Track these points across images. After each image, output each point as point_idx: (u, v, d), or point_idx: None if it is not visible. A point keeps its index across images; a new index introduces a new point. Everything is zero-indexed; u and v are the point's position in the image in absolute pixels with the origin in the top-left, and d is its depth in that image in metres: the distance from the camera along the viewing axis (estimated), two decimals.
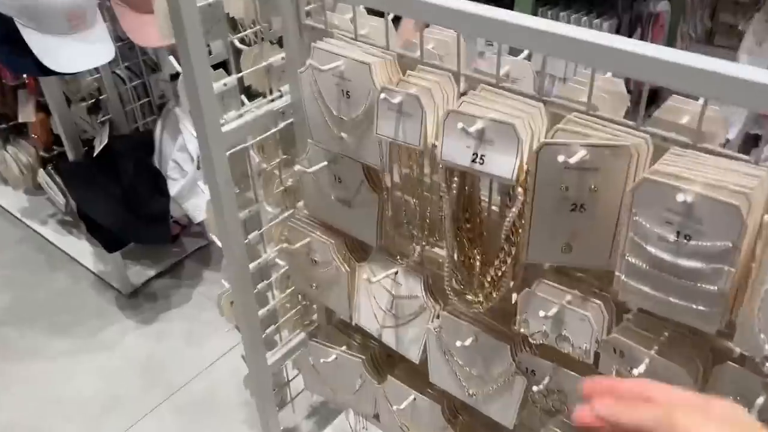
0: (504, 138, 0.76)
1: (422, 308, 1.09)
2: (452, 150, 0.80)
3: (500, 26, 0.75)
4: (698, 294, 0.68)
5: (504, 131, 0.75)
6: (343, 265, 1.17)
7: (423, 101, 0.82)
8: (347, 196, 1.10)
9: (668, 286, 0.70)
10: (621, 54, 0.67)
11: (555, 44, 0.72)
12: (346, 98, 0.94)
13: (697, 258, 0.66)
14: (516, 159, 0.75)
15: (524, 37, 0.74)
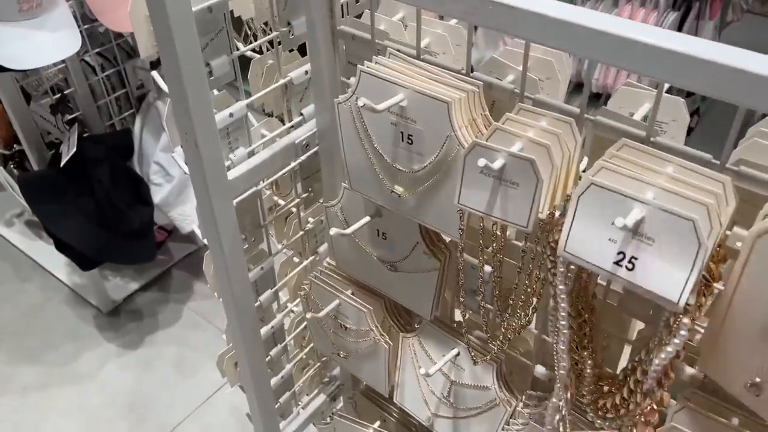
0: (673, 237, 0.49)
1: (493, 403, 0.84)
2: (585, 242, 0.54)
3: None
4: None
5: (677, 228, 0.49)
6: (383, 337, 0.91)
7: (540, 167, 0.55)
8: (394, 258, 0.83)
9: None
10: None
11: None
12: (407, 143, 0.67)
13: None
14: (691, 273, 0.49)
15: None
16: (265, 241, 0.92)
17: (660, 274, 0.51)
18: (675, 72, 0.48)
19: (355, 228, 0.79)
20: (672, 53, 0.47)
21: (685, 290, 0.50)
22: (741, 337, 0.52)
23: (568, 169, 0.59)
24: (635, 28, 0.49)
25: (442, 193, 0.67)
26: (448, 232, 0.70)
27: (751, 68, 0.44)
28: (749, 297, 0.50)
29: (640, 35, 0.48)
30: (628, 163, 0.55)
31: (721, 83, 0.46)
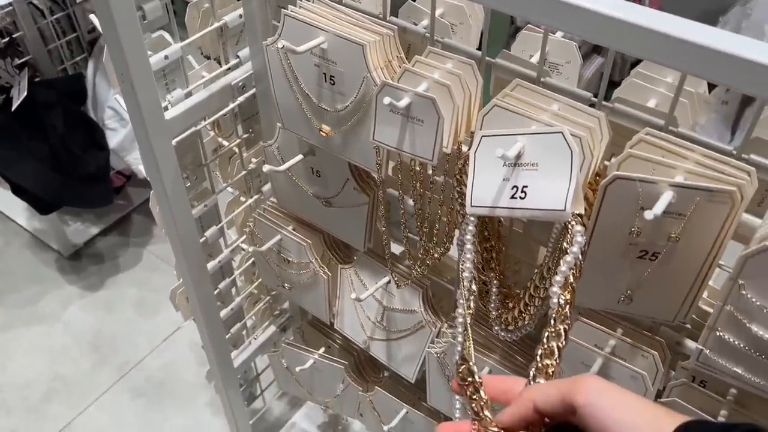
0: (551, 155, 0.55)
1: (420, 324, 0.92)
2: (486, 193, 0.59)
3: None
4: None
5: (551, 145, 0.55)
6: (322, 268, 0.98)
7: (440, 105, 0.61)
8: (328, 193, 0.89)
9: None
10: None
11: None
12: (330, 84, 0.72)
13: None
14: (571, 182, 0.55)
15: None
16: (208, 180, 0.97)
17: (547, 192, 0.57)
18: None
19: (289, 165, 0.85)
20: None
21: (568, 197, 0.56)
22: (605, 260, 0.59)
23: (471, 108, 0.65)
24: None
25: (363, 131, 0.73)
26: (369, 167, 0.76)
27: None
28: (606, 225, 0.57)
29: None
30: (519, 101, 0.61)
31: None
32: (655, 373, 0.68)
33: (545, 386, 0.46)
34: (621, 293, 0.61)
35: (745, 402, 0.66)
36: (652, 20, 0.48)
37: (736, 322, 0.52)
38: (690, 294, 0.58)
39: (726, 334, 0.54)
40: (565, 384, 0.43)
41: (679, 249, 0.55)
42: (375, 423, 1.13)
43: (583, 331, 0.71)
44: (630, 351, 0.69)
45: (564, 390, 0.42)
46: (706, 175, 0.53)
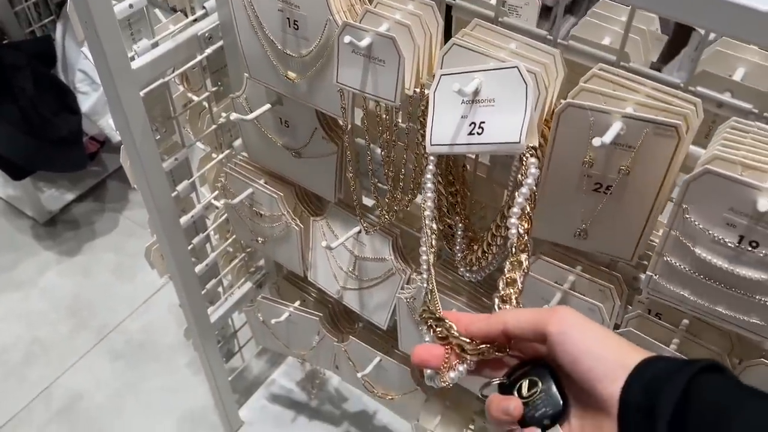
0: (507, 90, 0.56)
1: (390, 272, 0.94)
2: (444, 131, 0.60)
3: None
4: (755, 306, 0.54)
5: (507, 80, 0.56)
6: (294, 221, 0.99)
7: (400, 44, 0.62)
8: (297, 144, 0.90)
9: (714, 295, 0.56)
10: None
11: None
12: (294, 29, 0.72)
13: (763, 268, 0.52)
14: (525, 115, 0.57)
15: None
16: (178, 133, 0.97)
17: (503, 126, 0.58)
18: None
19: (257, 114, 0.86)
20: None
21: (523, 129, 0.57)
22: (561, 192, 0.61)
23: (432, 49, 0.66)
24: None
25: (328, 76, 0.73)
26: (335, 113, 0.77)
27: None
28: (561, 154, 0.59)
29: None
30: (477, 40, 0.62)
31: None
32: (612, 306, 0.71)
33: (519, 311, 0.48)
34: (577, 227, 0.64)
35: (696, 331, 0.69)
36: None
37: (681, 246, 0.55)
38: (645, 229, 0.61)
39: (672, 259, 0.56)
40: (540, 312, 0.45)
41: (630, 182, 0.58)
42: (350, 374, 1.16)
43: (544, 268, 0.73)
44: (588, 286, 0.72)
45: (537, 317, 0.44)
46: (655, 106, 0.54)
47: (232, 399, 1.44)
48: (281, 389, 1.55)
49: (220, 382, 1.37)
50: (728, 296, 0.55)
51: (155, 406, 1.56)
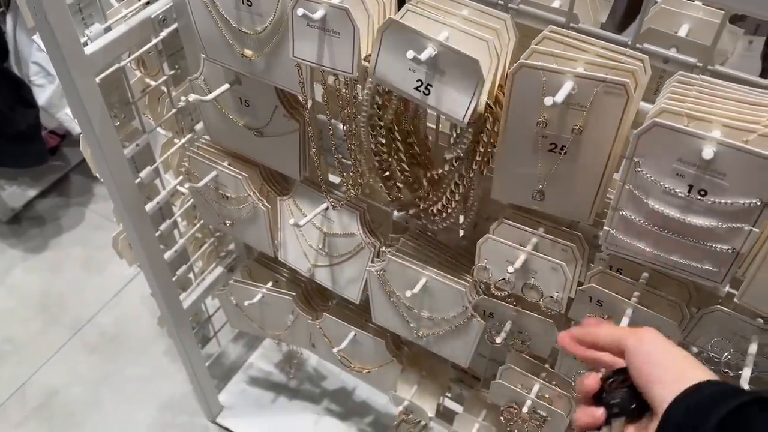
0: (460, 72, 0.58)
1: (360, 247, 0.95)
2: (390, 70, 0.62)
3: None
4: (707, 254, 0.57)
5: (463, 65, 0.58)
6: (260, 201, 1.00)
7: (354, 15, 0.62)
8: (258, 123, 0.90)
9: (669, 244, 0.58)
10: None
11: None
12: (248, 6, 0.72)
13: (712, 216, 0.54)
14: (472, 99, 0.59)
15: None
16: (138, 118, 0.96)
17: (450, 98, 0.60)
18: None
19: (216, 94, 0.85)
20: None
21: (467, 113, 0.59)
22: (518, 153, 0.63)
23: (386, 18, 0.67)
24: None
25: (284, 52, 0.73)
26: (294, 89, 0.77)
27: None
28: (516, 115, 0.60)
29: None
30: (430, 7, 0.63)
31: None
32: (575, 264, 0.73)
33: (611, 327, 0.56)
34: (534, 188, 0.65)
35: (656, 284, 0.71)
36: None
37: (635, 199, 0.57)
38: (600, 187, 0.63)
39: (627, 212, 0.58)
40: (624, 330, 0.53)
41: (583, 141, 0.59)
42: (327, 350, 1.17)
43: (507, 231, 0.75)
44: (551, 246, 0.73)
45: (621, 334, 0.51)
46: (605, 65, 0.56)
47: (210, 384, 1.44)
48: (259, 372, 1.56)
49: (198, 368, 1.37)
50: (682, 245, 0.57)
51: (134, 396, 1.56)
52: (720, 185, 0.51)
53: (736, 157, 0.49)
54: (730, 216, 0.53)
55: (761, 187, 0.50)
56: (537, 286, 0.75)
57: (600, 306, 0.73)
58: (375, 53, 0.61)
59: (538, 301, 0.75)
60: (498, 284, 0.77)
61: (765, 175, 0.49)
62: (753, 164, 0.49)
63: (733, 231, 0.54)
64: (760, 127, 0.50)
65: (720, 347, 0.71)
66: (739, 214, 0.53)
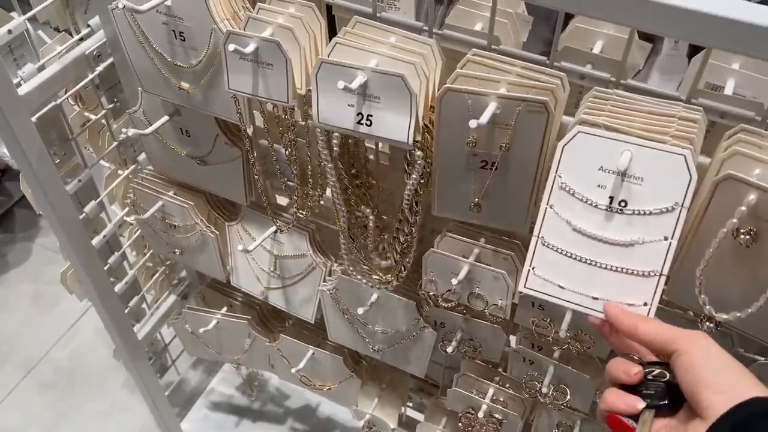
0: (393, 93, 0.60)
1: (311, 267, 0.96)
2: (331, 111, 0.64)
3: None
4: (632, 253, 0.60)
5: (392, 84, 0.60)
6: (208, 228, 1.00)
7: (285, 47, 0.64)
8: (201, 152, 0.91)
9: (597, 249, 0.61)
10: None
11: None
12: (181, 41, 0.73)
13: (632, 228, 0.56)
14: (410, 119, 0.61)
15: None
16: (78, 154, 0.96)
17: (391, 123, 0.62)
18: None
19: (154, 128, 0.86)
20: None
21: (410, 131, 0.62)
22: (453, 171, 0.65)
23: (317, 48, 0.69)
24: None
25: (221, 83, 0.74)
26: (233, 119, 0.78)
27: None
28: (447, 136, 0.63)
29: None
30: (359, 37, 0.65)
31: None
32: (515, 272, 0.76)
33: (658, 324, 0.52)
34: (470, 202, 0.68)
35: None
36: None
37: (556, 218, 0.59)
38: (532, 198, 0.66)
39: (550, 239, 0.61)
40: (675, 331, 0.50)
41: (511, 157, 0.62)
42: (286, 371, 1.17)
43: (450, 244, 0.77)
44: (493, 256, 0.76)
45: (672, 336, 0.49)
46: (526, 84, 0.59)
47: (172, 413, 1.43)
48: (221, 396, 1.55)
49: (157, 399, 1.36)
50: (610, 249, 0.60)
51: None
52: (637, 192, 0.55)
53: (650, 158, 0.52)
54: (650, 228, 0.56)
55: (675, 186, 0.53)
56: (482, 294, 0.77)
57: (542, 310, 0.76)
58: (314, 100, 0.63)
59: (483, 309, 0.78)
60: (445, 296, 0.80)
61: (676, 172, 0.52)
62: (665, 163, 0.52)
63: (653, 250, 0.57)
64: (668, 138, 0.54)
65: None
66: (658, 226, 0.56)
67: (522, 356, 0.85)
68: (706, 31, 0.49)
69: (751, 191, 0.50)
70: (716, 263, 0.55)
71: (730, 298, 0.57)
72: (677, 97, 0.59)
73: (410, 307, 0.88)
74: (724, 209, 0.52)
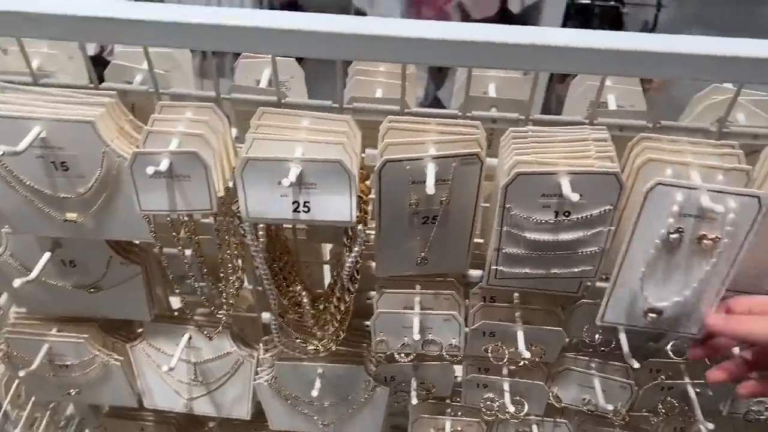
0: (331, 177, 0.60)
1: (238, 363, 0.91)
2: (262, 205, 0.62)
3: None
4: (580, 258, 0.66)
5: (329, 169, 0.60)
6: (110, 356, 0.90)
7: (203, 156, 0.61)
8: (92, 279, 0.82)
9: (549, 262, 0.66)
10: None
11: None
12: (63, 171, 0.66)
13: (578, 228, 0.63)
14: (351, 198, 0.61)
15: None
16: None
17: (331, 206, 0.62)
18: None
19: (39, 270, 0.76)
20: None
21: (352, 211, 0.62)
22: (397, 232, 0.67)
23: (227, 146, 0.66)
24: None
25: (120, 204, 0.68)
26: (139, 238, 0.72)
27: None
28: (389, 202, 0.64)
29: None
30: (272, 128, 0.64)
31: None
32: (459, 308, 0.79)
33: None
34: (417, 257, 0.70)
35: (528, 301, 0.80)
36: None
37: (514, 236, 0.64)
38: (471, 240, 0.69)
39: (509, 249, 0.65)
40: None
41: (451, 208, 0.65)
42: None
43: (391, 300, 0.78)
44: (434, 299, 0.78)
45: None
46: (451, 140, 0.62)
47: None
48: None
49: None
50: (559, 259, 0.66)
51: None
52: (580, 204, 0.61)
53: (586, 180, 0.59)
54: (591, 224, 0.62)
55: (609, 196, 0.60)
56: (435, 339, 0.79)
57: (493, 336, 0.80)
58: (241, 196, 0.61)
59: (440, 352, 0.80)
60: (401, 350, 0.80)
61: (609, 186, 0.59)
62: (599, 181, 0.59)
63: (595, 235, 0.63)
64: (592, 160, 0.60)
65: (591, 332, 0.82)
66: (597, 221, 0.62)
67: (476, 383, 0.88)
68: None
69: (678, 192, 0.57)
70: (652, 260, 0.63)
71: (667, 290, 0.65)
72: (582, 121, 0.66)
73: (358, 370, 0.87)
74: (653, 213, 0.60)
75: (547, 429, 0.95)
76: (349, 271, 0.71)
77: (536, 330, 0.78)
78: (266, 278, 0.72)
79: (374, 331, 0.80)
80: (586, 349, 0.85)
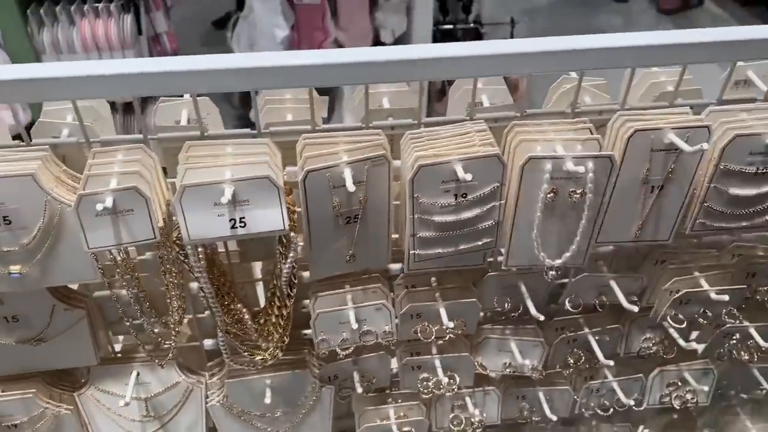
0: (261, 192, 0.69)
1: (189, 390, 0.96)
2: (202, 227, 0.69)
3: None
4: (480, 232, 0.78)
5: (259, 186, 0.69)
6: (60, 406, 0.92)
7: (142, 189, 0.67)
8: (36, 331, 0.84)
9: (456, 239, 0.78)
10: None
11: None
12: (6, 225, 0.70)
13: (475, 206, 0.75)
14: (281, 208, 0.70)
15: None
16: None
17: (265, 218, 0.70)
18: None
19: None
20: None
21: (284, 219, 0.71)
22: (325, 234, 0.76)
23: (159, 181, 0.73)
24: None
25: (63, 250, 0.73)
26: (85, 279, 0.76)
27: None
28: (315, 208, 0.73)
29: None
30: (200, 157, 0.72)
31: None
32: (387, 298, 0.89)
33: None
34: (346, 255, 0.79)
35: (443, 281, 0.91)
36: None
37: (424, 221, 0.75)
38: (389, 232, 0.80)
39: (422, 233, 0.76)
40: None
41: (369, 206, 0.75)
42: None
43: (326, 301, 0.87)
44: (363, 294, 0.88)
45: None
46: (360, 147, 0.73)
47: None
48: None
49: None
50: (464, 236, 0.77)
51: None
52: (473, 185, 0.73)
53: (474, 164, 0.71)
54: (485, 201, 0.75)
55: (495, 174, 0.73)
56: (370, 330, 0.88)
57: (419, 317, 0.90)
58: (181, 221, 0.67)
59: (377, 340, 0.89)
60: (341, 346, 0.89)
61: (493, 167, 0.72)
62: (485, 163, 0.71)
63: (490, 210, 0.76)
64: (477, 147, 0.73)
65: (501, 300, 0.94)
66: (489, 198, 0.75)
67: (410, 366, 0.98)
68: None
69: (547, 162, 0.71)
70: (540, 223, 0.76)
71: (555, 246, 0.78)
72: (464, 118, 0.78)
73: (304, 375, 0.94)
74: (530, 183, 0.73)
75: (478, 398, 1.06)
76: (287, 277, 0.79)
77: (455, 304, 0.89)
78: (210, 296, 0.79)
79: (315, 331, 0.88)
80: (500, 318, 0.97)
